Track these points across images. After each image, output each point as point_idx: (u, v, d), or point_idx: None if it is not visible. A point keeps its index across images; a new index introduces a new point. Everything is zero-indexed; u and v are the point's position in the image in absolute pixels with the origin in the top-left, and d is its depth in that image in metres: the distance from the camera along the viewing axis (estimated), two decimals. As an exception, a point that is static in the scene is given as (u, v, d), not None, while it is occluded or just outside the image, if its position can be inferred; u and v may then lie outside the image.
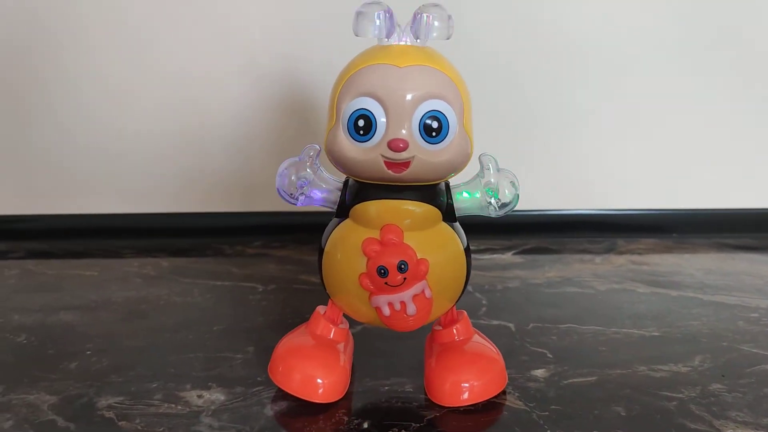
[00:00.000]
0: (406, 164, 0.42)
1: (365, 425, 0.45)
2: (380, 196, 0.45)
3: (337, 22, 0.82)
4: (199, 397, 0.48)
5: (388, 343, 0.55)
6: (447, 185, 0.47)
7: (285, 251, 0.83)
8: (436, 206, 0.46)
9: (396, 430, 0.44)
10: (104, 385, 0.50)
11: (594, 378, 0.52)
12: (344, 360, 0.49)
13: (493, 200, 0.46)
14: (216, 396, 0.48)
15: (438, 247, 0.46)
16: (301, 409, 0.47)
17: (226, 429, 0.44)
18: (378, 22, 0.43)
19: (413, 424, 0.45)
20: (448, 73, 0.43)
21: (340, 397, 0.47)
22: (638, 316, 0.64)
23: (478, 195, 0.47)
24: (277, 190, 0.47)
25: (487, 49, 0.84)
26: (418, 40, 0.44)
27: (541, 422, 0.45)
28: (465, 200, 0.47)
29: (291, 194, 0.47)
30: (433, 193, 0.46)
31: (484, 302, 0.67)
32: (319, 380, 0.47)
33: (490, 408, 0.47)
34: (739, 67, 0.87)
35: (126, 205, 0.89)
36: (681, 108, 0.88)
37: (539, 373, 0.52)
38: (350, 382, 0.49)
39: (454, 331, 0.50)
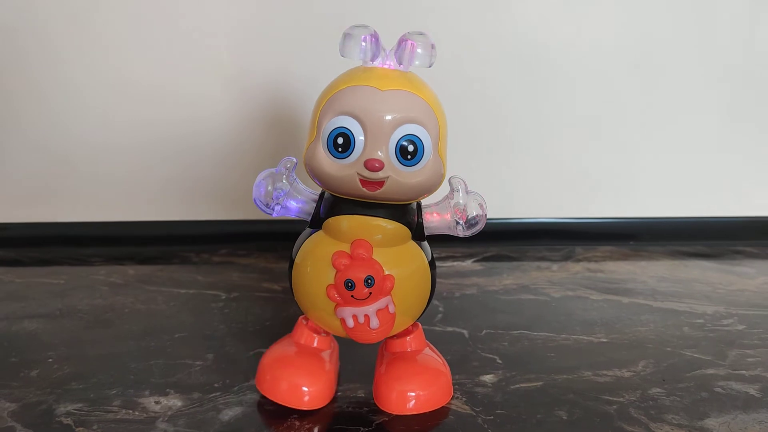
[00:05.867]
0: (380, 183, 0.44)
1: (315, 430, 0.47)
2: (353, 212, 0.46)
3: (313, 36, 0.84)
4: (157, 403, 0.50)
5: (343, 350, 0.56)
6: (418, 205, 0.49)
7: (249, 259, 0.84)
8: (406, 225, 0.48)
9: (345, 434, 0.46)
10: (64, 392, 0.51)
11: (540, 383, 0.54)
12: (329, 367, 0.50)
13: (461, 221, 0.48)
14: (173, 402, 0.50)
15: (405, 264, 0.48)
16: (254, 414, 0.48)
17: (181, 434, 0.46)
18: (364, 45, 0.44)
19: (362, 429, 0.47)
20: (427, 100, 0.45)
21: (327, 403, 0.49)
22: (589, 322, 0.66)
23: (447, 216, 0.49)
24: (254, 199, 0.48)
25: (450, 56, 0.86)
26: (401, 66, 0.46)
27: (486, 426, 0.47)
28: (434, 220, 0.49)
29: (267, 204, 0.48)
30: (404, 212, 0.48)
31: (440, 309, 0.68)
32: (304, 388, 0.48)
33: (437, 412, 0.49)
34: (698, 79, 0.89)
35: (94, 214, 0.89)
36: (639, 119, 0.90)
37: (488, 378, 0.54)
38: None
39: (407, 341, 0.52)
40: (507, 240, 0.92)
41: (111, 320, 0.65)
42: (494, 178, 0.90)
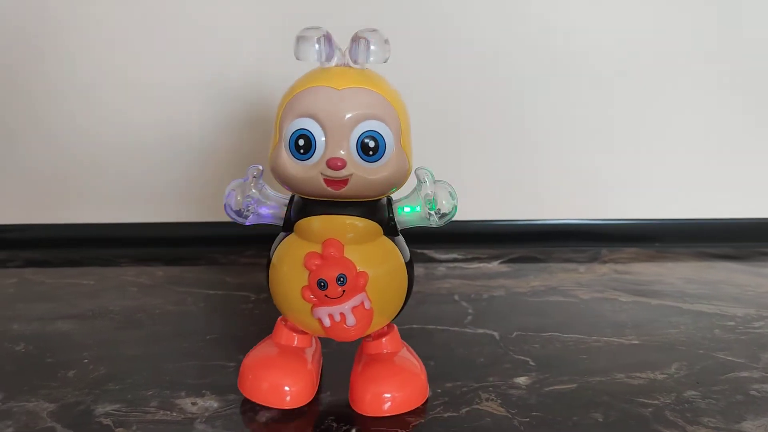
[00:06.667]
0: (344, 182, 0.44)
1: (353, 431, 0.47)
2: (323, 212, 0.47)
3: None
4: (194, 404, 0.50)
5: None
6: (389, 200, 0.49)
7: (277, 260, 0.85)
8: (377, 221, 0.48)
9: (382, 436, 0.46)
10: (101, 392, 0.52)
11: (574, 385, 0.54)
12: (311, 365, 0.51)
13: (432, 212, 0.48)
14: (210, 403, 0.50)
15: (378, 260, 0.48)
16: (291, 416, 0.49)
17: (220, 435, 0.46)
18: (317, 46, 0.45)
19: (399, 430, 0.47)
20: (385, 95, 0.45)
21: (309, 401, 0.50)
22: (619, 324, 0.66)
23: (418, 209, 0.49)
24: (226, 211, 0.50)
25: (474, 57, 0.86)
26: (357, 63, 0.46)
27: (522, 428, 0.47)
28: (406, 214, 0.49)
29: (239, 213, 0.49)
30: (374, 208, 0.48)
31: (470, 311, 0.68)
32: (286, 387, 0.49)
33: (473, 414, 0.49)
34: (722, 77, 0.89)
35: (120, 215, 0.90)
36: (663, 119, 0.90)
37: (521, 380, 0.54)
38: (344, 389, 0.51)
39: (383, 342, 0.52)
40: (532, 241, 0.91)
41: (142, 321, 0.66)
42: (517, 179, 0.90)
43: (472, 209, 0.91)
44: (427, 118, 0.88)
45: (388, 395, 0.49)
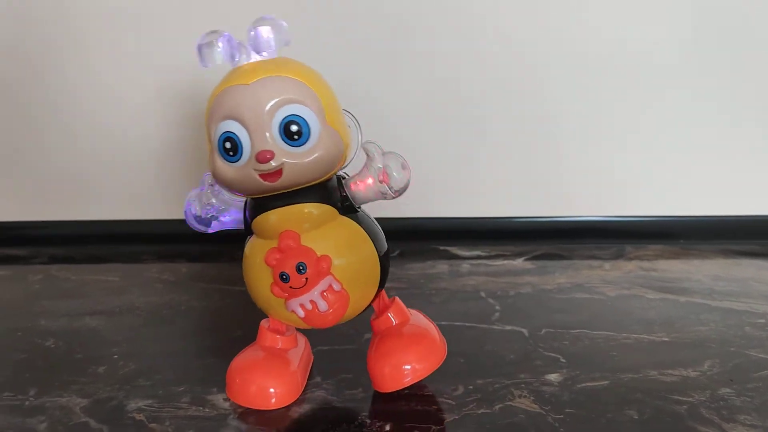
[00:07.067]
0: (278, 173, 0.44)
1: (387, 428, 0.47)
2: (274, 206, 0.47)
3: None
4: (225, 400, 0.50)
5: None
6: (339, 180, 0.49)
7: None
8: (331, 204, 0.48)
9: (417, 432, 0.46)
10: (133, 388, 0.52)
11: (606, 382, 0.53)
12: (294, 367, 0.51)
13: (385, 185, 0.48)
14: (241, 399, 0.50)
15: (339, 240, 0.47)
16: (323, 412, 0.49)
17: (253, 431, 0.46)
18: (219, 48, 0.45)
19: (433, 427, 0.47)
20: (299, 77, 0.45)
21: (293, 400, 0.50)
22: (648, 321, 0.65)
23: (370, 182, 0.48)
24: (187, 221, 0.50)
25: (501, 56, 0.86)
26: (263, 54, 0.46)
27: (557, 425, 0.47)
28: (360, 190, 0.48)
29: (200, 222, 0.49)
30: (325, 191, 0.47)
31: (497, 308, 0.68)
32: (271, 389, 0.49)
33: (506, 411, 0.49)
34: (746, 72, 0.88)
35: (142, 211, 0.90)
36: (688, 115, 0.89)
37: (553, 377, 0.54)
38: (367, 384, 0.51)
39: (390, 316, 0.51)
40: (555, 238, 0.91)
41: (169, 317, 0.66)
42: (540, 175, 0.89)
43: (495, 206, 0.90)
44: (450, 114, 0.88)
45: (408, 367, 0.48)
